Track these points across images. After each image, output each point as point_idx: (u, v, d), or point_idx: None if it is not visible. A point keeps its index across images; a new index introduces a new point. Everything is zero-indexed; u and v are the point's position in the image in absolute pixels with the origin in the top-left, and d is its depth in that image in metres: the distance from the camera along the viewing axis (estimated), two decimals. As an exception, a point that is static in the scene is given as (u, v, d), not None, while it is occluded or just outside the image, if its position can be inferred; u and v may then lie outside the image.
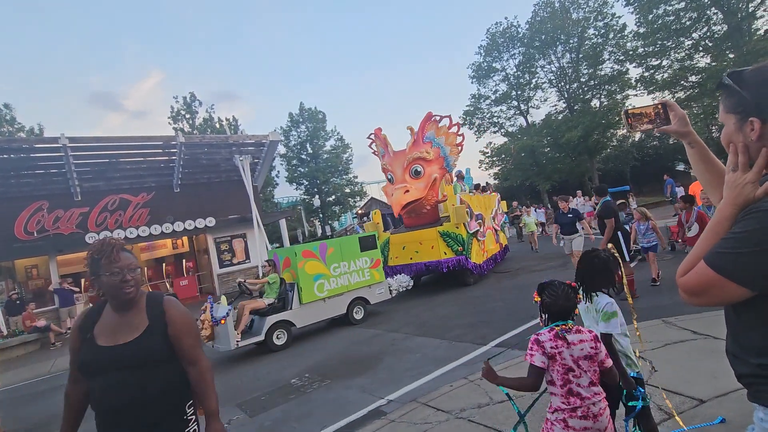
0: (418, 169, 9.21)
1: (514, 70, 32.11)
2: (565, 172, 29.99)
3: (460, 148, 10.10)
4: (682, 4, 22.26)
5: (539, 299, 2.02)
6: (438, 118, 9.68)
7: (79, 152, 13.09)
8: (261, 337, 6.62)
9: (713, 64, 22.00)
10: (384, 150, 9.80)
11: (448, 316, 7.00)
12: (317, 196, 34.36)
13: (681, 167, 31.05)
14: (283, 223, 18.91)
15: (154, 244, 18.10)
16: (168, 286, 17.58)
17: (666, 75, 24.13)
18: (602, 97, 29.43)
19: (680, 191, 14.66)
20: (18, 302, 11.90)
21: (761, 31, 20.99)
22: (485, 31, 32.78)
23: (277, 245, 21.65)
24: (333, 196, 35.60)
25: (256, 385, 5.26)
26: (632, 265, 7.08)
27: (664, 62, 24.51)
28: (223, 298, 6.84)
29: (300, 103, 32.61)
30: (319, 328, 7.88)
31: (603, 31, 28.18)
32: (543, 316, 2.00)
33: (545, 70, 31.53)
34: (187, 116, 31.03)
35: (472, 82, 34.06)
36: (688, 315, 4.80)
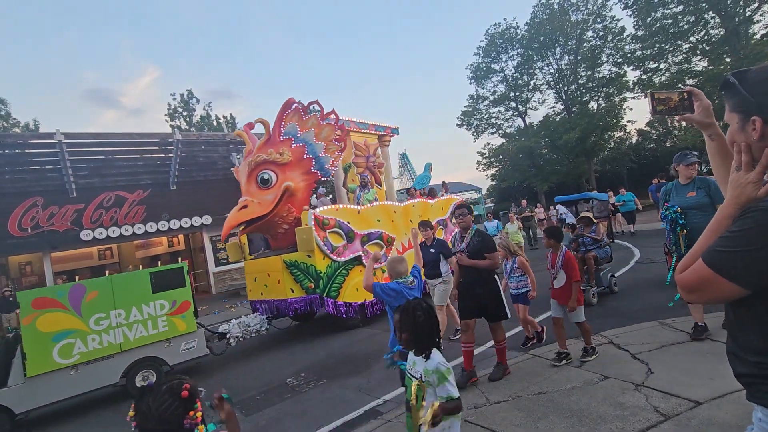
0: (266, 177, 7.20)
1: (513, 71, 32.18)
2: (562, 174, 30.08)
3: (341, 144, 8.02)
4: (680, 8, 22.38)
5: (132, 414, 1.33)
6: (302, 106, 7.64)
7: (74, 148, 12.99)
8: None
9: (710, 67, 22.12)
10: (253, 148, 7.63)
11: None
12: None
13: (677, 170, 31.14)
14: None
15: (149, 242, 18.00)
16: (163, 284, 17.48)
17: (663, 78, 24.25)
18: (600, 99, 29.53)
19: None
20: (11, 299, 11.78)
21: (758, 36, 21.12)
22: (484, 32, 32.78)
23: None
24: (330, 195, 35.58)
25: (251, 384, 5.23)
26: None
27: (662, 65, 24.64)
28: None
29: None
30: (316, 328, 7.81)
31: (601, 33, 28.30)
32: None
33: (543, 71, 31.61)
34: (185, 114, 30.90)
35: (470, 83, 34.16)
36: (685, 317, 4.79)
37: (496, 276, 4.09)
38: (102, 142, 13.86)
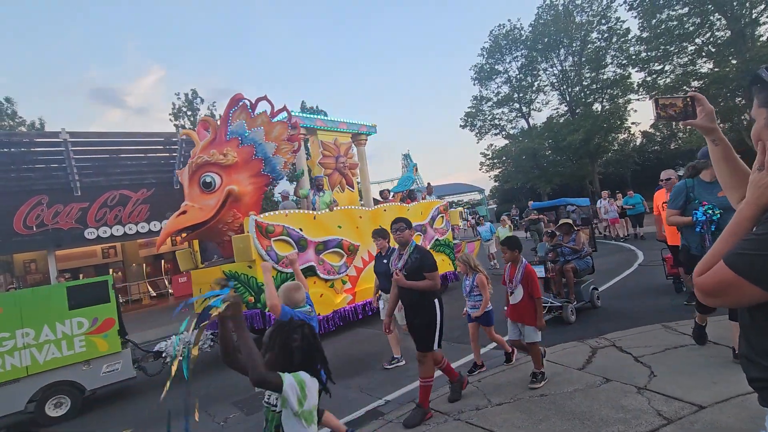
0: (209, 180, 6.69)
1: (517, 72, 32.13)
2: (566, 176, 30.00)
3: (295, 144, 7.45)
4: (686, 10, 22.27)
5: None
6: (250, 102, 7.02)
7: (79, 147, 13.09)
8: None
9: (716, 69, 21.99)
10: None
11: (449, 317, 6.94)
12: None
13: (681, 172, 31.00)
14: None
15: (153, 241, 18.07)
16: (167, 282, 17.56)
17: (668, 80, 24.13)
18: (604, 101, 29.44)
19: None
20: None
21: (764, 38, 21.00)
22: (488, 32, 32.76)
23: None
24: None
25: (253, 384, 5.25)
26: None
27: (667, 67, 24.51)
28: None
29: (302, 102, 32.53)
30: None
31: (606, 35, 28.19)
32: None
33: (547, 72, 31.55)
34: (189, 113, 30.98)
35: (474, 84, 34.13)
36: (689, 320, 4.77)
37: (437, 300, 3.54)
38: (107, 141, 13.96)
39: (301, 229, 6.81)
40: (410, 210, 8.92)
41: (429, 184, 13.08)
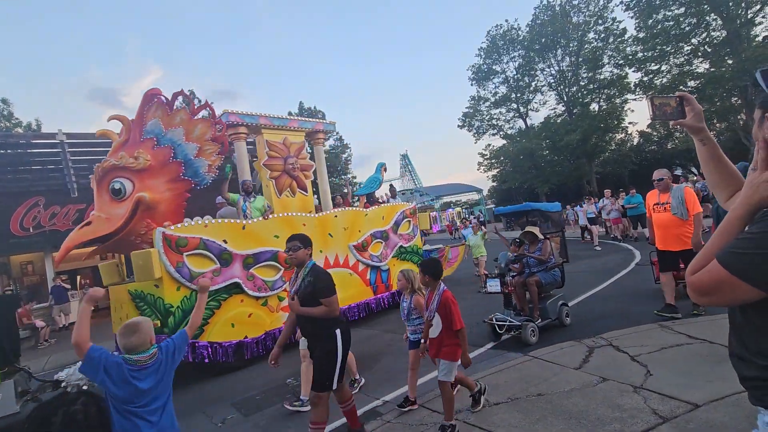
0: (117, 186, 5.94)
1: (514, 72, 32.23)
2: (563, 176, 30.09)
3: (220, 145, 6.66)
4: (682, 10, 22.38)
5: None
6: (167, 98, 6.29)
7: (76, 148, 13.03)
8: None
9: (712, 69, 22.11)
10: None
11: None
12: (316, 196, 34.38)
13: (679, 171, 31.16)
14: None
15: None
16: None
17: (665, 80, 24.25)
18: (601, 101, 29.56)
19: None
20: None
21: (760, 38, 21.11)
22: (485, 33, 32.83)
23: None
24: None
25: (251, 385, 5.24)
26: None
27: (663, 67, 24.65)
28: None
29: (299, 103, 32.59)
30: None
31: (603, 35, 28.33)
32: None
33: (545, 73, 31.65)
34: (186, 114, 30.94)
35: (471, 84, 34.23)
36: (685, 319, 4.81)
37: (339, 331, 3.06)
38: (104, 142, 13.88)
39: (225, 241, 6.01)
40: (369, 215, 8.11)
41: (392, 185, 11.89)
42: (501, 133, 34.22)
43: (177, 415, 2.25)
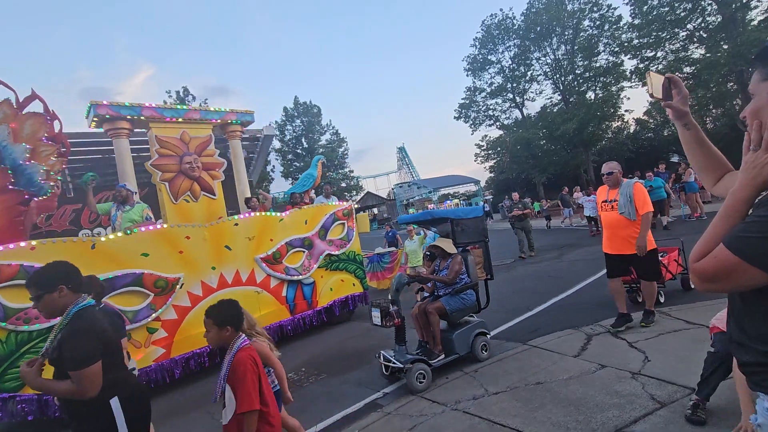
0: None
1: (510, 62, 32.12)
2: (560, 165, 30.14)
3: (59, 145, 5.68)
4: (677, -5, 22.29)
5: None
6: None
7: (71, 148, 12.97)
8: None
9: (707, 55, 22.05)
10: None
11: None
12: (313, 191, 34.38)
13: (675, 159, 31.21)
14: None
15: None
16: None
17: (661, 66, 24.19)
18: (597, 89, 29.52)
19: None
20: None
21: (755, 21, 21.03)
22: (480, 23, 32.64)
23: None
24: (334, 197, 35.68)
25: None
26: None
27: (659, 53, 24.59)
28: None
29: (295, 98, 32.47)
30: (313, 324, 7.82)
31: (598, 22, 28.23)
32: None
33: (540, 62, 31.56)
34: (181, 111, 30.76)
35: (467, 75, 34.11)
36: (682, 305, 4.84)
37: (115, 400, 1.93)
38: (98, 141, 13.81)
39: None
40: (285, 220, 6.68)
41: (327, 185, 10.34)
42: (497, 123, 34.19)
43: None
